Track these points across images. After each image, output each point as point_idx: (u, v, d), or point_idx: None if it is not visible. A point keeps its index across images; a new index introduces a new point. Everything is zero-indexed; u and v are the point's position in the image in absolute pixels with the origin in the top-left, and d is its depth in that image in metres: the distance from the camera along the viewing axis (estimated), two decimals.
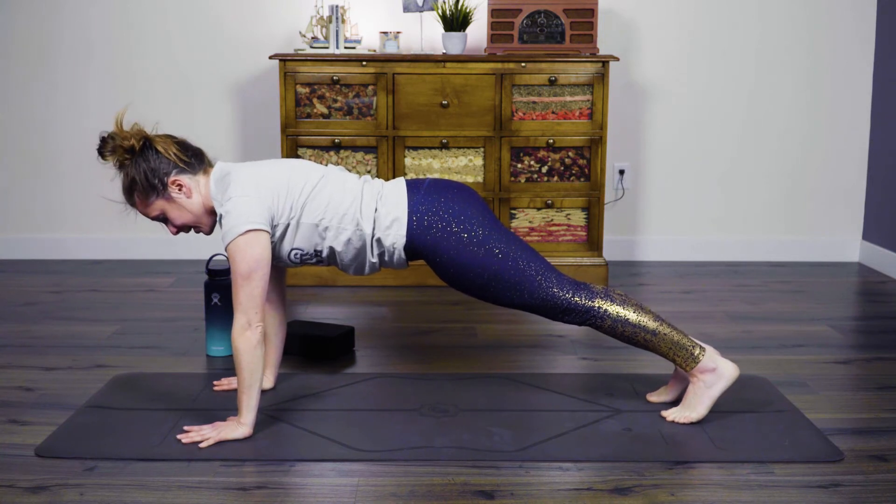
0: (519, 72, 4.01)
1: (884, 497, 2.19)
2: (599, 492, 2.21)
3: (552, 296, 2.54)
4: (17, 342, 3.30)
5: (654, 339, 2.56)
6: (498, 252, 2.52)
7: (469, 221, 2.53)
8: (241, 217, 2.43)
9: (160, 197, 2.52)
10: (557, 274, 2.57)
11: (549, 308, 2.56)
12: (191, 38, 4.43)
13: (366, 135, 4.05)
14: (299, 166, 2.58)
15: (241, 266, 2.41)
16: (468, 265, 2.52)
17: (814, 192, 4.58)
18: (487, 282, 2.54)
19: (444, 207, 2.53)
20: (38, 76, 4.45)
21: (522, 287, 2.53)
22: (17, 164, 4.52)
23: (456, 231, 2.51)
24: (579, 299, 2.54)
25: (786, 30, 4.46)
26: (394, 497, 2.19)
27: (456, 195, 2.57)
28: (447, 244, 2.52)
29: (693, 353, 2.55)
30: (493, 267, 2.51)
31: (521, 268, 2.52)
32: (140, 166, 2.49)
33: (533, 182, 4.09)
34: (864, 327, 3.55)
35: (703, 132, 4.54)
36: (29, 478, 2.26)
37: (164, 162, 2.50)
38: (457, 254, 2.51)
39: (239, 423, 2.46)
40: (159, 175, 2.49)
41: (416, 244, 2.54)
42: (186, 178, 2.52)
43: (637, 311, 2.57)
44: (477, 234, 2.52)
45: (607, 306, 2.55)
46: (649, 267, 4.47)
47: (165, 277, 4.20)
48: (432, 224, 2.52)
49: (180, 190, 2.52)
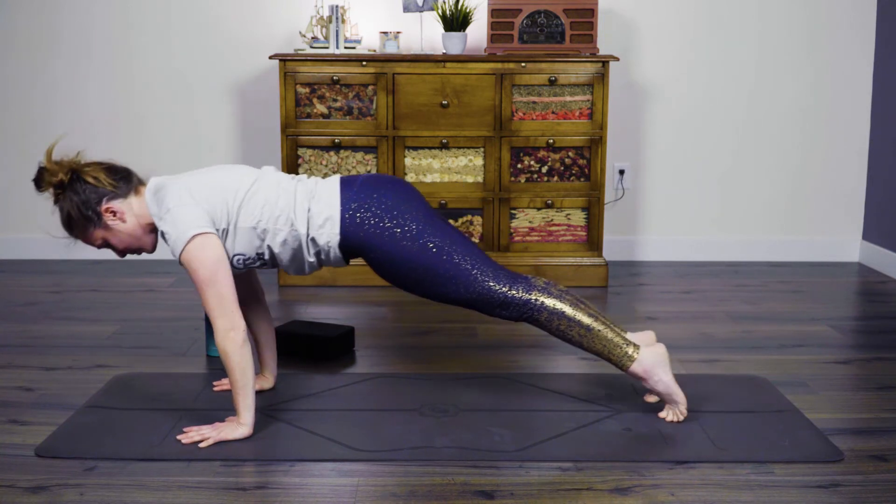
0: (519, 72, 4.01)
1: (884, 497, 2.19)
2: (599, 492, 2.21)
3: (488, 289, 2.52)
4: (17, 342, 3.30)
5: (589, 335, 2.53)
6: (432, 246, 2.50)
7: (402, 216, 2.51)
8: (183, 225, 2.42)
9: (97, 227, 2.51)
10: (495, 267, 2.55)
11: (485, 302, 2.54)
12: (191, 37, 4.43)
13: (366, 135, 4.05)
14: (232, 171, 2.58)
15: (200, 273, 2.41)
16: (401, 260, 2.50)
17: (814, 192, 4.58)
18: (422, 277, 2.52)
19: (376, 203, 2.51)
20: (38, 76, 4.45)
21: (457, 281, 2.51)
22: (17, 164, 4.52)
23: (388, 226, 2.50)
24: (516, 292, 2.53)
25: (786, 29, 4.46)
26: (394, 497, 2.19)
27: (390, 190, 2.55)
28: (380, 240, 2.50)
29: (627, 352, 2.54)
30: (426, 261, 2.50)
31: (455, 261, 2.51)
32: (72, 200, 2.49)
33: (533, 182, 4.09)
34: (864, 327, 3.55)
35: (703, 132, 4.54)
36: (29, 478, 2.26)
37: (94, 191, 2.49)
38: (390, 249, 2.50)
39: (239, 424, 2.46)
40: (91, 205, 2.49)
41: (351, 241, 2.52)
42: (118, 202, 2.51)
43: (574, 307, 2.54)
44: (410, 228, 2.50)
45: (544, 299, 2.53)
46: (649, 267, 4.47)
47: (165, 277, 4.20)
48: (365, 220, 2.50)
49: (114, 216, 2.50)
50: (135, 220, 2.52)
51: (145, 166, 4.66)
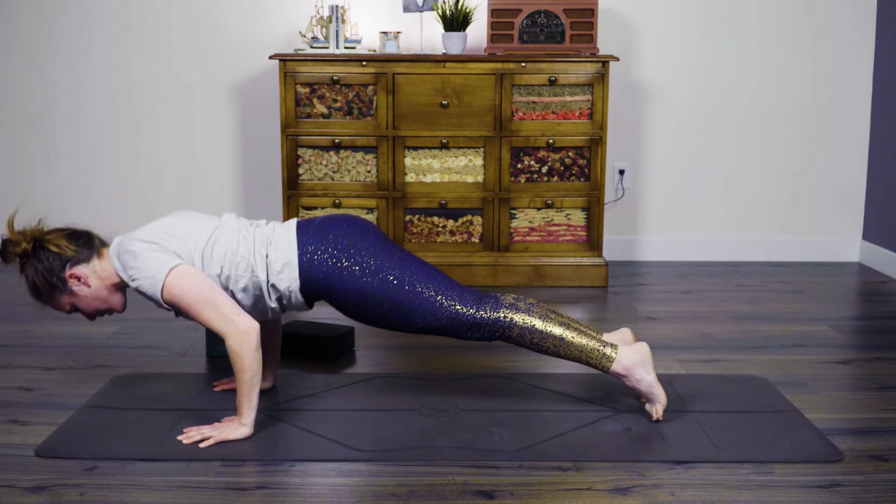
0: (519, 72, 4.01)
1: (884, 497, 2.19)
2: (599, 492, 2.21)
3: (455, 313, 2.52)
4: (17, 342, 3.30)
5: (563, 344, 2.53)
6: (392, 279, 2.50)
7: (359, 253, 2.51)
8: (154, 269, 2.43)
9: (63, 293, 2.52)
10: (460, 290, 2.55)
11: (454, 327, 2.54)
12: (191, 37, 4.43)
13: (366, 135, 4.05)
14: (193, 219, 2.58)
15: (188, 297, 2.42)
16: (364, 297, 2.51)
17: (814, 192, 4.58)
18: (387, 310, 2.52)
19: (332, 244, 2.52)
20: (38, 76, 4.45)
21: (424, 309, 2.51)
22: (17, 164, 4.52)
23: (347, 265, 2.50)
24: (484, 313, 2.53)
25: (786, 29, 4.46)
26: (394, 497, 2.19)
27: (345, 230, 2.55)
28: (340, 280, 2.50)
29: (605, 353, 2.54)
30: (389, 295, 2.50)
31: (418, 290, 2.51)
32: (37, 268, 2.50)
33: (533, 182, 4.09)
34: (864, 327, 3.55)
35: (704, 132, 4.54)
36: (29, 478, 2.26)
37: (57, 258, 2.50)
38: (351, 288, 2.50)
39: (240, 424, 2.46)
40: (55, 273, 2.50)
41: (311, 285, 2.53)
42: (81, 267, 2.52)
43: (544, 319, 2.55)
44: (368, 264, 2.51)
45: (513, 315, 2.53)
46: (649, 267, 4.47)
47: None
48: (322, 262, 2.51)
49: (79, 281, 2.51)
50: (100, 282, 2.53)
51: (146, 166, 4.68)
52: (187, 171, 4.52)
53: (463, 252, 4.11)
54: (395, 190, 4.08)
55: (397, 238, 4.10)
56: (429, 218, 4.10)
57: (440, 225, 4.11)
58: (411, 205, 4.09)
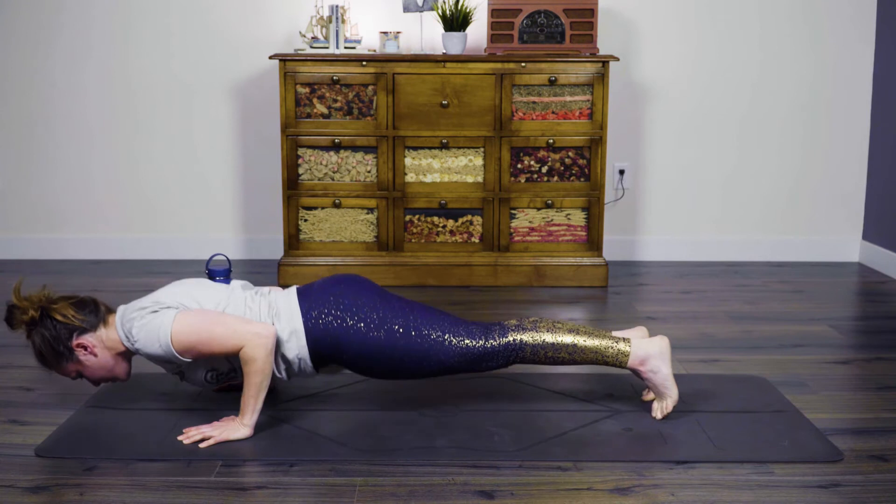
0: (519, 72, 4.01)
1: (884, 497, 2.19)
2: (599, 492, 2.21)
3: (466, 349, 2.53)
4: (18, 342, 3.29)
5: (577, 352, 2.54)
6: (398, 328, 2.51)
7: (362, 310, 2.52)
8: (157, 329, 2.41)
9: (69, 361, 2.51)
10: (465, 325, 2.56)
11: (469, 362, 2.55)
12: (190, 37, 4.43)
13: (366, 135, 4.05)
14: (204, 287, 2.58)
15: (198, 331, 2.40)
16: (375, 352, 2.51)
17: (814, 191, 4.58)
18: (400, 361, 2.52)
19: (334, 305, 2.52)
20: (38, 76, 4.45)
21: (436, 351, 2.52)
22: (17, 164, 4.52)
23: (352, 324, 2.50)
24: (493, 341, 2.53)
25: (786, 29, 4.46)
26: (394, 497, 2.19)
27: (344, 289, 2.55)
28: (348, 339, 2.50)
29: (620, 349, 2.55)
30: (399, 345, 2.50)
31: (425, 334, 2.52)
32: (44, 336, 2.48)
33: (533, 182, 4.09)
34: (864, 327, 3.55)
35: (704, 132, 4.54)
36: (29, 478, 2.26)
37: (65, 327, 2.48)
38: (361, 345, 2.50)
39: (241, 424, 2.46)
40: (62, 342, 2.49)
41: (320, 349, 2.52)
42: (89, 337, 2.50)
43: (552, 332, 2.55)
44: (372, 318, 2.51)
45: (521, 336, 2.54)
46: (649, 267, 4.47)
47: (165, 277, 4.20)
48: (328, 324, 2.51)
49: (86, 351, 2.50)
50: (106, 352, 2.52)
51: (146, 166, 4.68)
52: (187, 171, 4.52)
53: (463, 252, 4.11)
54: (395, 190, 4.08)
55: (397, 238, 4.10)
56: (429, 218, 4.10)
57: (440, 225, 4.11)
58: (411, 205, 4.09)
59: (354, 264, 4.08)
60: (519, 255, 4.11)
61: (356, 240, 4.11)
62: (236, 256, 4.55)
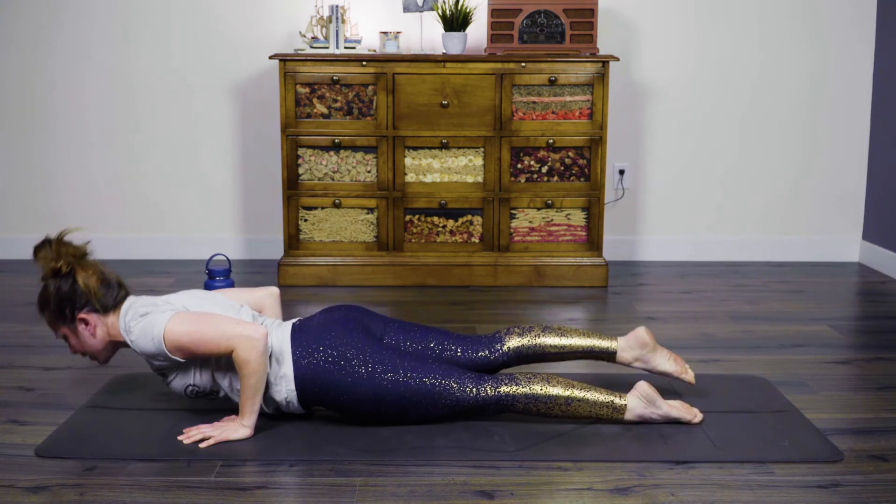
0: (519, 72, 4.01)
1: (884, 497, 2.19)
2: (599, 492, 2.21)
3: (457, 400, 2.51)
4: (17, 342, 3.30)
5: (570, 407, 2.52)
6: (387, 382, 2.48)
7: (350, 363, 2.49)
8: (154, 326, 2.41)
9: (65, 324, 2.51)
10: (458, 376, 2.53)
11: (458, 413, 2.53)
12: (190, 37, 4.43)
13: (366, 135, 4.05)
14: (213, 301, 2.56)
15: (185, 337, 2.39)
16: (364, 403, 2.49)
17: (814, 191, 4.58)
18: (391, 410, 2.51)
19: (323, 356, 2.49)
20: (38, 76, 4.45)
21: (425, 402, 2.50)
22: (17, 164, 4.52)
23: (339, 378, 2.48)
24: (484, 394, 2.51)
25: (786, 29, 4.46)
26: (394, 497, 2.19)
27: (334, 336, 2.51)
28: (336, 390, 2.49)
29: (615, 406, 2.53)
30: (388, 396, 2.49)
31: (415, 386, 2.49)
32: (58, 290, 2.47)
33: (533, 182, 4.09)
34: (864, 327, 3.55)
35: (703, 132, 4.54)
36: (29, 478, 2.26)
37: (81, 295, 2.47)
38: (350, 397, 2.49)
39: (241, 425, 2.46)
40: (71, 306, 2.48)
41: (308, 395, 2.52)
42: (95, 316, 2.50)
43: (543, 384, 2.52)
44: (360, 373, 2.48)
45: (513, 390, 2.51)
46: (649, 267, 4.47)
47: (165, 277, 4.20)
48: (316, 375, 2.49)
49: (86, 326, 2.50)
50: (104, 335, 2.52)
51: (146, 166, 4.67)
52: (187, 170, 4.52)
53: (463, 252, 4.11)
54: (395, 190, 4.08)
55: (397, 238, 4.10)
56: (429, 218, 4.10)
57: (440, 225, 4.11)
58: (411, 205, 4.09)
59: (354, 264, 4.08)
60: (519, 255, 4.11)
61: (356, 240, 4.11)
62: (236, 256, 4.55)
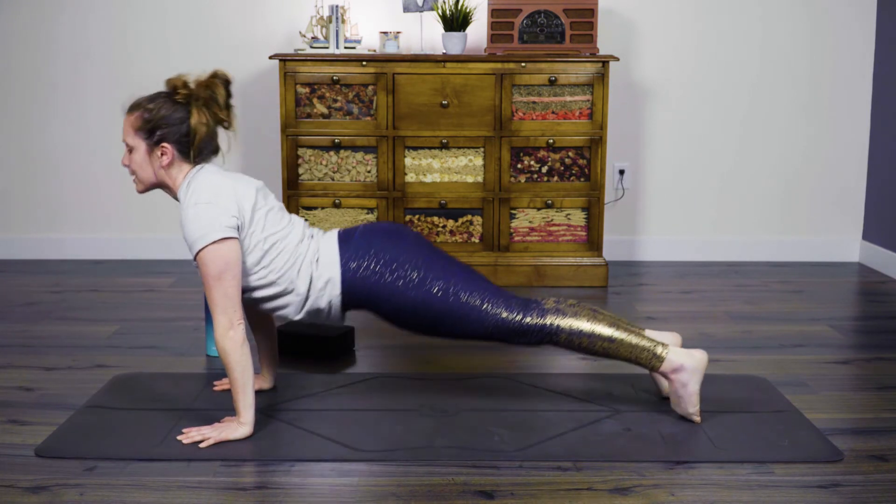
0: (519, 72, 4.01)
1: (884, 497, 2.19)
2: (599, 492, 2.21)
3: (502, 321, 2.51)
4: (17, 342, 3.30)
5: (612, 346, 2.52)
6: (437, 290, 2.49)
7: (402, 267, 2.50)
8: (206, 227, 2.40)
9: (143, 139, 2.48)
10: (505, 297, 2.54)
11: (503, 333, 2.54)
12: (190, 37, 4.43)
13: (366, 135, 4.05)
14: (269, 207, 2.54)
15: (211, 269, 2.40)
16: (410, 310, 2.50)
17: (814, 192, 4.58)
18: (433, 321, 2.52)
19: (374, 259, 2.50)
20: (38, 77, 4.45)
21: (471, 318, 2.51)
22: (17, 164, 4.52)
23: (390, 280, 2.49)
24: (530, 319, 2.52)
25: (786, 29, 4.46)
26: (394, 497, 2.19)
27: (386, 241, 2.53)
28: (384, 294, 2.50)
29: (656, 353, 2.53)
30: (434, 307, 2.49)
31: (463, 300, 2.50)
32: (164, 108, 2.47)
33: (533, 182, 4.09)
34: (864, 327, 3.55)
35: (703, 132, 4.54)
36: (29, 478, 2.26)
37: (177, 126, 2.48)
38: (396, 301, 2.50)
39: (239, 423, 2.46)
40: (162, 131, 2.47)
41: (354, 298, 2.52)
42: (176, 154, 2.49)
43: (591, 320, 2.53)
44: (411, 277, 2.49)
45: (559, 321, 2.52)
46: (649, 267, 4.47)
47: (165, 277, 4.20)
48: (366, 278, 2.50)
49: (161, 155, 2.49)
50: (164, 175, 2.50)
51: None
52: None
53: (463, 252, 4.11)
54: (395, 190, 4.08)
55: None
56: (429, 218, 4.10)
57: (440, 225, 4.11)
58: (411, 205, 4.09)
59: None
60: (519, 255, 4.11)
61: None
62: None
